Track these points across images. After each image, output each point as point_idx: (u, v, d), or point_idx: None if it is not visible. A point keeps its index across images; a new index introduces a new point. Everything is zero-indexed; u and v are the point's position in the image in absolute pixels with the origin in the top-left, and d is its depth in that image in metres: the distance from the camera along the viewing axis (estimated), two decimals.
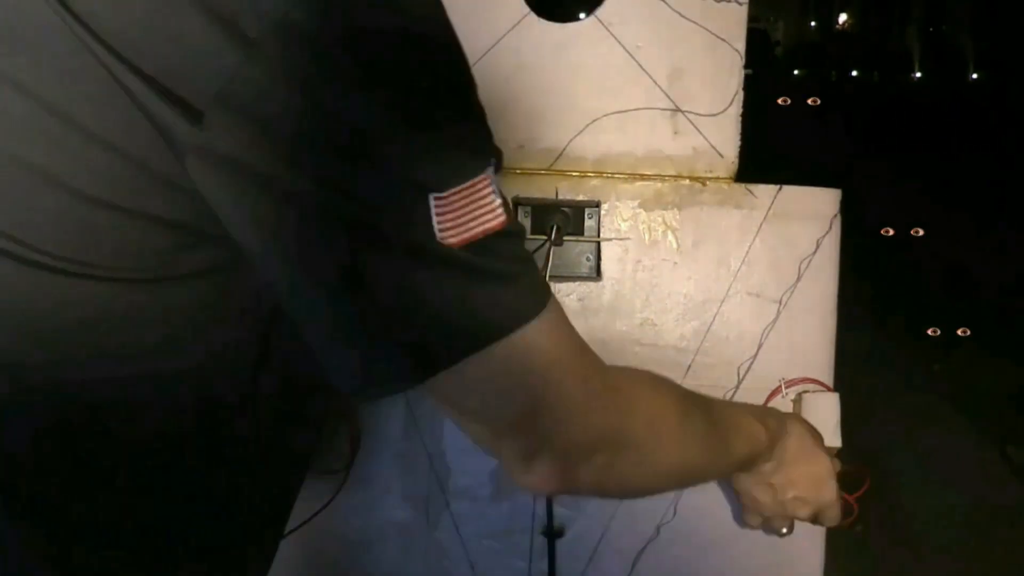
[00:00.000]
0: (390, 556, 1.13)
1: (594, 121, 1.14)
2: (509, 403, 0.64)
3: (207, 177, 0.56)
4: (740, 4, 1.13)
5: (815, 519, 0.99)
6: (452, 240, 0.58)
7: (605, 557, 1.12)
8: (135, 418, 0.64)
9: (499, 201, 0.61)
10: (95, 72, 0.55)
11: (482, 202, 0.59)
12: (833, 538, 1.14)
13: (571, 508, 1.12)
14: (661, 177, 1.13)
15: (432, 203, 0.57)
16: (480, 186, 0.59)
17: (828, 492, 0.97)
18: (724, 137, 1.13)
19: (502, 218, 0.60)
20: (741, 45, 1.13)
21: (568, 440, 0.66)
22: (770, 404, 1.10)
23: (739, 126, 1.13)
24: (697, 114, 1.13)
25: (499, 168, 0.62)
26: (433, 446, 1.12)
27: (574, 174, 1.14)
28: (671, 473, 0.78)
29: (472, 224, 0.59)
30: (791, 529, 1.01)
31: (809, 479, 0.96)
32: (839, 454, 1.11)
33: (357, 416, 1.09)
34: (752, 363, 1.11)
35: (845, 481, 0.99)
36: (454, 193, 0.58)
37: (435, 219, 0.58)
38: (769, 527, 1.01)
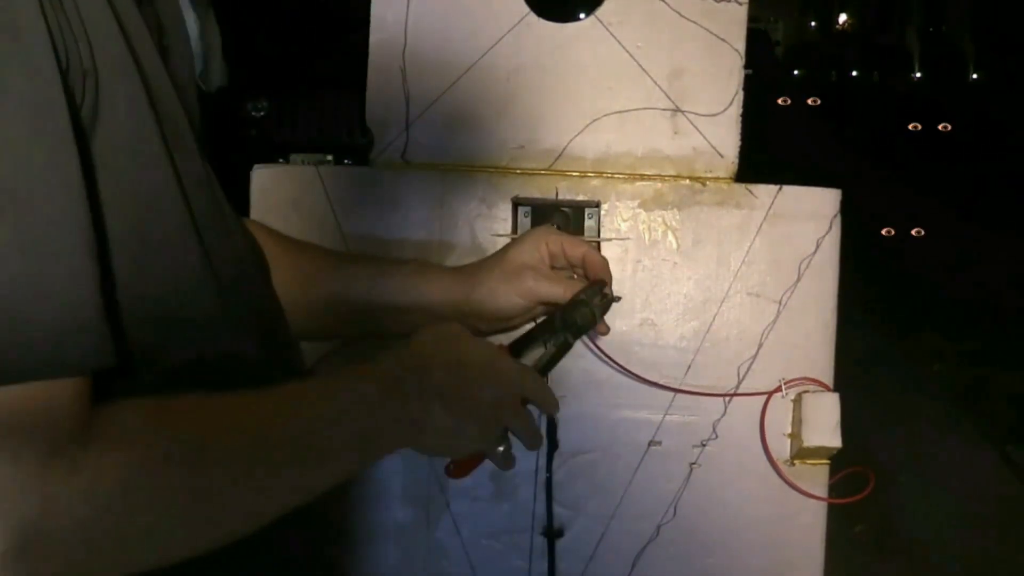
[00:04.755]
0: (390, 556, 1.13)
1: (594, 121, 1.14)
2: None
3: None
4: (740, 4, 1.13)
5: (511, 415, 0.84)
6: None
7: (605, 557, 1.12)
8: None
9: None
10: None
11: None
12: (833, 538, 1.14)
13: (571, 508, 1.12)
14: (661, 177, 1.13)
15: None
16: None
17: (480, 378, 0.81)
18: (724, 137, 1.13)
19: None
20: (741, 45, 1.13)
21: None
22: (770, 404, 1.10)
23: (739, 126, 1.13)
24: (697, 114, 1.13)
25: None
26: None
27: (574, 174, 1.14)
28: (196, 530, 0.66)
29: None
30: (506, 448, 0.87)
31: (456, 366, 0.81)
32: (839, 454, 1.11)
33: None
34: (752, 363, 1.11)
35: (847, 482, 0.98)
36: None
37: None
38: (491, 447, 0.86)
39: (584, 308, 0.97)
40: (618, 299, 1.01)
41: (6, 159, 0.57)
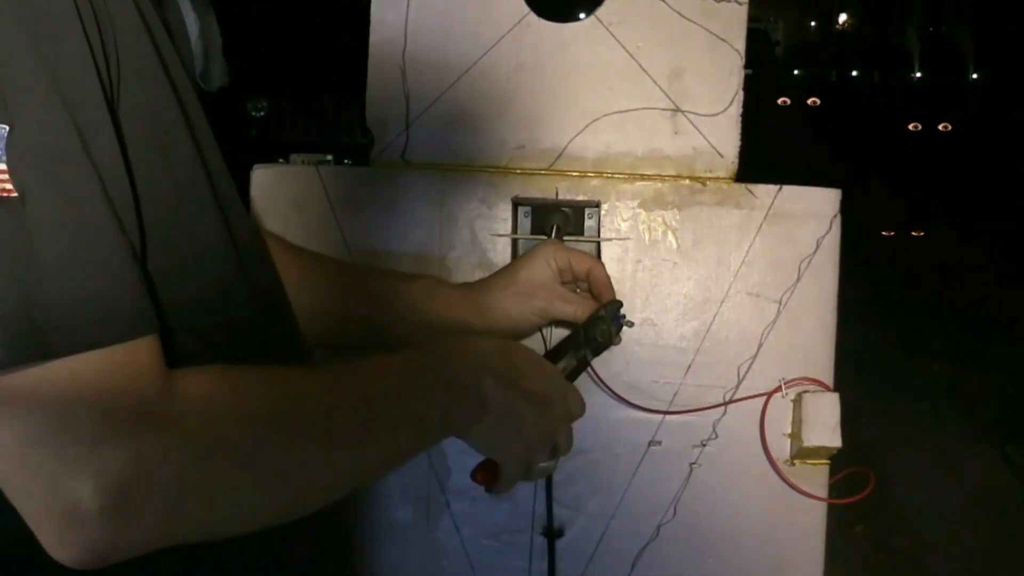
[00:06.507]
0: (390, 556, 1.13)
1: (594, 121, 1.14)
2: None
3: None
4: (740, 4, 1.13)
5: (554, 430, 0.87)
6: None
7: (605, 557, 1.12)
8: None
9: None
10: None
11: None
12: (833, 538, 1.14)
13: (571, 508, 1.12)
14: (661, 177, 1.13)
15: None
16: None
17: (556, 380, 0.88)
18: (724, 137, 1.13)
19: None
20: (741, 45, 1.13)
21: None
22: (770, 404, 1.10)
23: (739, 126, 1.13)
24: (697, 114, 1.13)
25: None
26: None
27: (574, 174, 1.14)
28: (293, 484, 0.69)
29: None
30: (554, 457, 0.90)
31: (534, 366, 0.86)
32: (839, 454, 1.11)
33: None
34: (752, 363, 1.11)
35: (847, 482, 0.98)
36: None
37: None
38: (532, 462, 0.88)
39: (603, 325, 1.00)
40: (631, 324, 1.04)
41: (45, 133, 0.59)
